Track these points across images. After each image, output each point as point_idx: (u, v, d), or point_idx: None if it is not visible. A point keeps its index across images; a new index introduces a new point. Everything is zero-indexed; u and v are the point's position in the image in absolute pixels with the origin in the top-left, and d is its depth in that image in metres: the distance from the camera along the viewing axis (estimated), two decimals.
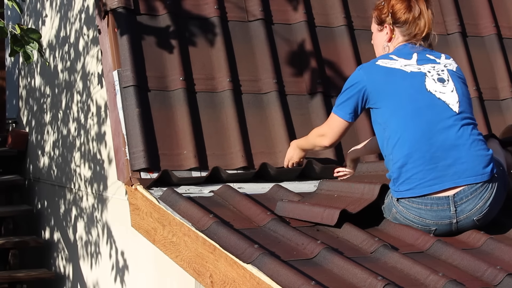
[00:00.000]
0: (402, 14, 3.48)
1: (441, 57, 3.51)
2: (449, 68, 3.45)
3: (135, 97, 3.94)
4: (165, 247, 3.57)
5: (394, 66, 3.41)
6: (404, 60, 3.43)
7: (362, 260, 2.96)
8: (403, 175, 3.29)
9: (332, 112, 3.61)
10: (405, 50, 3.49)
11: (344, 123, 3.56)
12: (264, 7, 4.42)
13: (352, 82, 3.49)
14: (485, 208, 3.27)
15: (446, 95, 3.34)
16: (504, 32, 4.91)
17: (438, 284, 2.75)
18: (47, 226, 6.72)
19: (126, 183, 3.85)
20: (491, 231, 3.33)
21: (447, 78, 3.40)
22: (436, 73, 3.40)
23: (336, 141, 3.66)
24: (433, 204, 3.25)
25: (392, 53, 3.50)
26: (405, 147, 3.29)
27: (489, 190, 3.27)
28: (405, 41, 3.51)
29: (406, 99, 3.33)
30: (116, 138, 4.03)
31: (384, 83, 3.39)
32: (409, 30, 3.49)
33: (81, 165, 5.73)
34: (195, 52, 4.20)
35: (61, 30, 6.11)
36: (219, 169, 3.81)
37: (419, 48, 3.49)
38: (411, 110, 3.31)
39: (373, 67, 3.45)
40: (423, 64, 3.42)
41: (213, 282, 3.15)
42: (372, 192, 3.39)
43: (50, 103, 6.51)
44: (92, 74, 5.35)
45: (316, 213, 3.33)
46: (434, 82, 3.37)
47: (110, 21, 4.11)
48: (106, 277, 5.40)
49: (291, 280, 2.73)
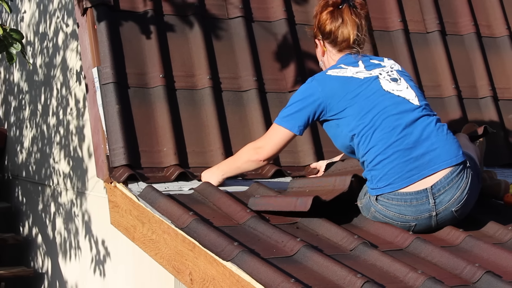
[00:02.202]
0: (327, 25, 3.54)
1: (383, 60, 3.59)
2: (396, 69, 3.54)
3: (115, 94, 3.93)
4: (144, 245, 3.57)
5: (346, 75, 3.46)
6: (353, 68, 3.48)
7: (341, 258, 2.96)
8: (379, 171, 3.32)
9: (274, 123, 3.53)
10: (349, 59, 3.55)
11: (289, 135, 3.49)
12: (244, 4, 4.42)
13: (304, 94, 3.47)
14: (462, 197, 3.31)
15: (403, 92, 3.42)
16: (483, 30, 4.93)
17: (417, 282, 2.76)
18: (26, 223, 6.68)
19: (105, 180, 3.84)
20: (470, 228, 3.35)
21: (398, 77, 3.49)
22: (387, 74, 3.48)
23: (274, 155, 3.56)
24: (413, 199, 3.28)
25: (338, 62, 3.54)
26: (378, 146, 3.32)
27: (464, 180, 3.32)
28: (340, 52, 3.57)
29: (369, 103, 3.38)
30: (95, 135, 4.02)
31: (342, 93, 3.41)
32: (335, 40, 3.55)
33: (60, 162, 5.71)
34: (175, 49, 4.19)
35: (40, 25, 6.08)
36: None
37: (361, 56, 3.56)
38: (377, 112, 3.36)
39: (327, 78, 3.47)
40: (371, 69, 3.49)
41: (193, 280, 3.15)
42: (343, 183, 3.41)
43: (28, 99, 6.48)
44: (71, 70, 5.32)
45: (289, 202, 3.35)
46: (388, 82, 3.44)
47: (89, 18, 4.09)
48: (85, 273, 5.39)
49: (271, 277, 2.73)
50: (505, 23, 4.97)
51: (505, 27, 4.96)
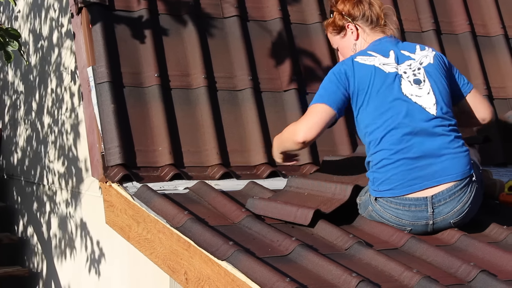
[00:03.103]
0: (356, 10, 3.51)
1: (415, 50, 3.49)
2: (424, 65, 3.43)
3: (110, 93, 3.93)
4: (139, 244, 3.56)
5: (373, 63, 3.38)
6: (382, 57, 3.41)
7: (336, 257, 2.96)
8: (383, 175, 3.29)
9: (312, 103, 3.39)
10: (381, 46, 3.48)
11: (330, 111, 3.35)
12: (239, 3, 4.41)
13: (334, 77, 3.39)
14: (463, 210, 3.28)
15: (423, 99, 3.33)
16: (478, 29, 4.94)
17: (412, 281, 2.76)
18: (20, 222, 6.67)
19: (100, 180, 3.84)
20: (465, 228, 3.35)
21: (423, 79, 3.38)
22: (412, 73, 3.39)
23: (313, 137, 3.35)
24: (411, 205, 3.26)
25: (369, 48, 3.48)
26: (385, 150, 3.29)
27: (467, 194, 3.28)
28: (373, 32, 3.52)
29: (385, 104, 3.32)
30: (90, 135, 4.01)
31: (367, 83, 3.35)
32: (369, 18, 3.51)
33: (55, 161, 5.70)
34: (170, 49, 4.19)
35: (35, 24, 6.07)
36: None
37: (394, 41, 3.49)
38: (390, 115, 3.30)
39: (355, 64, 3.39)
40: (400, 63, 3.40)
41: (188, 279, 3.15)
42: (344, 193, 3.40)
43: (23, 98, 6.46)
44: (66, 69, 5.32)
45: (289, 212, 3.33)
46: (410, 85, 3.35)
47: (84, 17, 4.09)
48: (80, 273, 5.38)
49: (266, 276, 2.73)
50: (500, 22, 4.98)
51: (500, 26, 4.96)
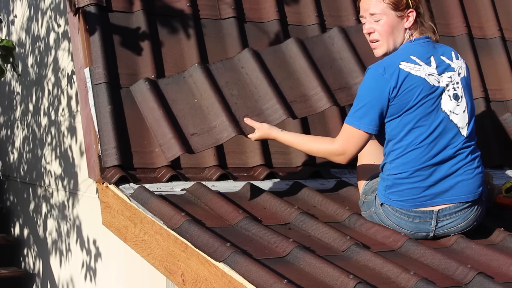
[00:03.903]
0: (422, 4, 3.38)
1: (452, 57, 3.36)
2: (462, 77, 3.33)
3: (107, 94, 3.92)
4: (136, 246, 3.56)
5: (419, 74, 3.23)
6: (426, 66, 3.26)
7: (334, 259, 2.96)
8: (397, 186, 3.27)
9: (350, 123, 3.28)
10: (421, 48, 3.31)
11: (367, 137, 3.29)
12: (237, 5, 4.41)
13: (377, 91, 3.23)
14: (466, 227, 3.30)
15: (459, 117, 3.27)
16: (475, 32, 4.94)
17: (410, 283, 2.76)
18: (17, 223, 6.67)
19: (97, 181, 3.83)
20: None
21: (461, 94, 3.29)
22: (452, 87, 3.28)
23: (353, 156, 3.34)
24: (416, 217, 3.26)
25: (411, 52, 3.29)
26: (406, 165, 3.25)
27: (474, 212, 3.29)
28: (417, 31, 3.34)
29: (421, 120, 3.23)
30: (87, 136, 4.01)
31: (413, 97, 3.22)
32: (423, 16, 3.37)
33: (52, 162, 5.70)
34: (167, 50, 4.18)
35: (32, 25, 6.07)
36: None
37: (431, 45, 3.34)
38: (422, 131, 3.23)
39: (401, 74, 3.22)
40: (441, 73, 3.28)
41: (185, 281, 3.14)
42: (222, 133, 3.50)
43: (20, 99, 6.46)
44: (63, 70, 5.31)
45: (163, 134, 3.48)
46: (449, 100, 3.26)
47: (81, 18, 4.08)
48: (76, 274, 5.38)
49: (263, 278, 2.73)
50: (497, 25, 4.98)
51: (497, 28, 4.97)
